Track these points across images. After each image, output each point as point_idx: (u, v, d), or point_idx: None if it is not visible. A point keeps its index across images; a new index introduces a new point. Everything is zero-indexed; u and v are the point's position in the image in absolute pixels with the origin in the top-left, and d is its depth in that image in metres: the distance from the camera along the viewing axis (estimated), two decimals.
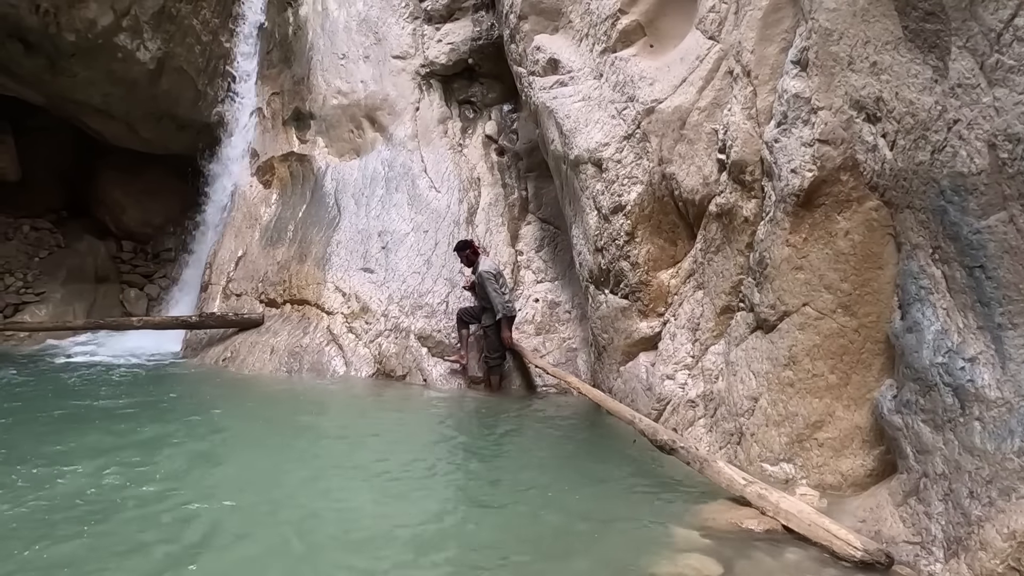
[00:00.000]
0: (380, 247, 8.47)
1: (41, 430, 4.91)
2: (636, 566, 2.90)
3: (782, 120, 4.10)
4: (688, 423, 4.85)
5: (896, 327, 3.32)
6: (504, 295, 7.11)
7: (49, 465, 4.02)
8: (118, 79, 9.64)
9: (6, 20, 8.38)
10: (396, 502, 3.78)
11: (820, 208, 3.86)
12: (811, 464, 3.82)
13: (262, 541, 3.15)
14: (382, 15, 9.97)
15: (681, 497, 3.82)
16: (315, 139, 9.90)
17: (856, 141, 3.63)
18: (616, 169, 5.86)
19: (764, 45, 4.50)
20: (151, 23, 9.36)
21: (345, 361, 7.59)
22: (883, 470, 3.50)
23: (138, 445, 4.58)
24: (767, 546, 3.08)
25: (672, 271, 5.60)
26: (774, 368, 4.10)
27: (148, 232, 12.45)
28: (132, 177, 11.97)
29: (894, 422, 3.22)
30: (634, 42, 6.18)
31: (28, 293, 10.49)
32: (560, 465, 4.68)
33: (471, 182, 8.91)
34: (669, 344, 5.36)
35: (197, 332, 8.78)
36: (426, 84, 9.64)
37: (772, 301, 4.14)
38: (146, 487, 3.76)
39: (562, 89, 6.82)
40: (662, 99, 5.50)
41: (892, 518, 3.08)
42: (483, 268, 7.14)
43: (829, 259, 3.83)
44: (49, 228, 11.62)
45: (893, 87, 3.28)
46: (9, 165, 10.69)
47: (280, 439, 5.09)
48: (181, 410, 5.81)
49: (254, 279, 9.02)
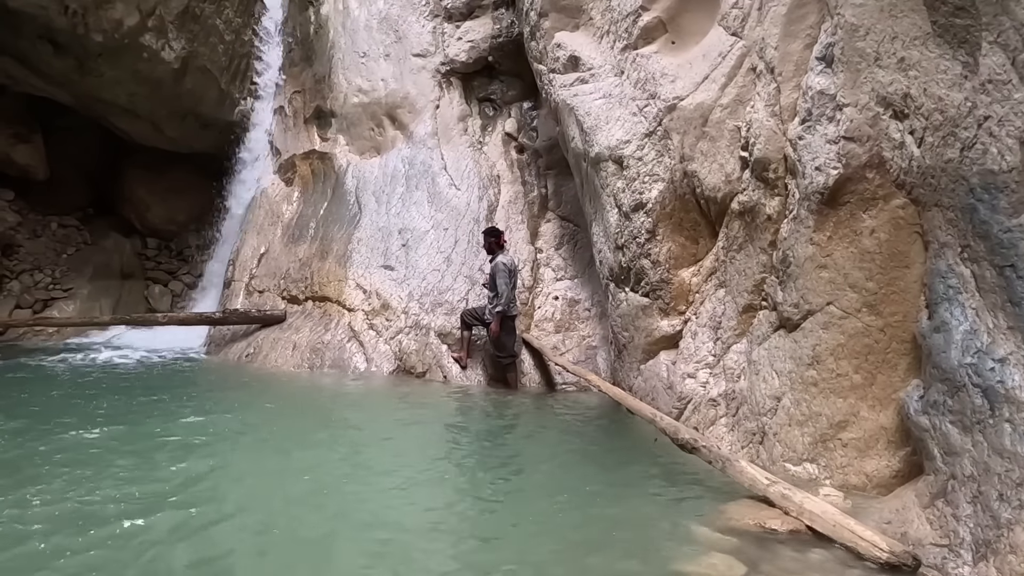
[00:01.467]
0: (400, 245, 8.52)
1: (71, 420, 5.01)
2: (658, 564, 2.90)
3: (807, 117, 4.06)
4: (709, 422, 4.82)
5: (923, 327, 3.28)
6: (513, 291, 7.13)
7: (82, 458, 4.11)
8: (143, 78, 9.80)
9: (36, 21, 8.55)
10: (409, 499, 3.77)
11: (845, 206, 3.82)
12: (835, 464, 3.79)
13: (282, 527, 3.21)
14: (402, 13, 10.02)
15: (703, 496, 3.81)
16: (336, 137, 9.98)
17: (882, 138, 3.58)
18: (637, 167, 5.83)
19: (788, 41, 4.46)
20: (175, 23, 9.50)
21: (366, 357, 7.66)
22: (909, 471, 3.46)
23: (157, 440, 4.66)
24: (791, 546, 3.06)
25: (693, 269, 5.57)
26: (797, 367, 4.06)
27: (172, 229, 12.64)
28: (157, 175, 12.17)
29: (921, 423, 3.18)
30: (655, 39, 6.14)
31: (56, 289, 10.70)
32: (580, 463, 4.68)
33: (491, 180, 8.92)
34: (690, 342, 5.34)
35: (220, 328, 8.90)
36: (446, 82, 9.67)
37: (796, 300, 4.11)
38: (162, 485, 3.83)
39: (583, 86, 6.81)
40: (684, 96, 5.47)
41: (919, 520, 3.05)
42: (500, 259, 7.18)
43: (854, 257, 3.78)
44: (76, 225, 11.85)
45: (921, 83, 3.23)
46: (38, 164, 10.91)
47: (302, 434, 5.15)
48: (204, 405, 5.90)
49: (276, 276, 9.13)
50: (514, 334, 7.25)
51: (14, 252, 10.71)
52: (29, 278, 10.64)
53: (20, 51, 9.16)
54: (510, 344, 7.16)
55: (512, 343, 7.19)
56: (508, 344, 7.14)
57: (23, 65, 9.43)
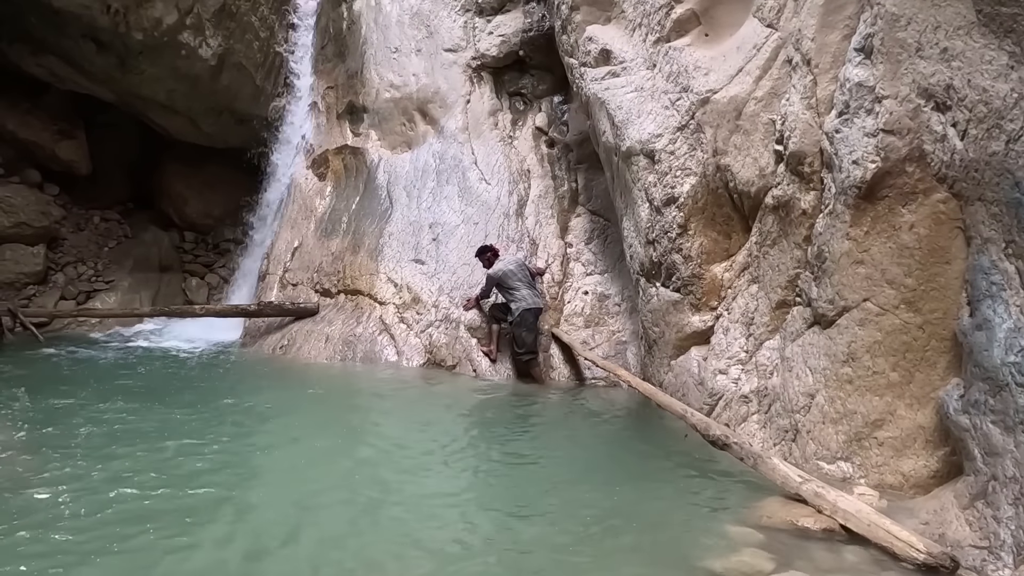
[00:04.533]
0: (431, 239, 8.58)
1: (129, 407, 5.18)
2: (690, 560, 2.89)
3: (844, 110, 3.98)
4: (741, 419, 4.78)
5: (964, 324, 3.20)
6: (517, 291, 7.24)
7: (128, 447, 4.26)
8: (181, 75, 10.02)
9: (80, 20, 8.80)
10: (438, 496, 3.82)
11: (883, 200, 3.75)
12: (870, 463, 3.73)
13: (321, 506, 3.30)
14: (434, 8, 10.05)
15: (734, 493, 3.78)
16: (368, 132, 10.06)
17: (923, 131, 3.50)
18: (669, 160, 5.78)
19: (825, 32, 4.37)
20: (212, 20, 9.68)
21: (397, 350, 7.74)
22: (948, 472, 3.39)
23: (197, 424, 4.80)
24: (824, 545, 3.03)
25: (726, 264, 5.51)
26: (832, 364, 4.00)
27: (209, 223, 12.90)
28: (194, 170, 12.41)
29: (961, 423, 3.11)
30: (688, 31, 6.08)
31: (98, 281, 11.01)
32: (609, 458, 4.69)
33: (521, 174, 8.92)
34: (722, 338, 5.29)
35: (255, 320, 9.07)
36: (477, 76, 9.69)
37: (831, 296, 4.04)
38: (200, 464, 3.96)
39: (614, 80, 6.76)
40: (717, 89, 5.40)
41: (957, 521, 2.99)
42: (488, 271, 7.46)
43: (892, 253, 3.71)
44: (117, 219, 12.16)
45: (965, 74, 3.15)
46: (81, 160, 11.23)
47: (336, 424, 5.25)
48: (241, 393, 6.05)
49: (309, 269, 9.26)
50: (534, 331, 7.25)
51: (59, 245, 11.04)
52: (73, 270, 10.97)
53: (65, 50, 9.44)
54: (530, 340, 7.18)
55: (532, 339, 7.21)
56: (527, 340, 7.16)
57: (68, 64, 9.72)
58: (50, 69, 9.89)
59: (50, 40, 9.30)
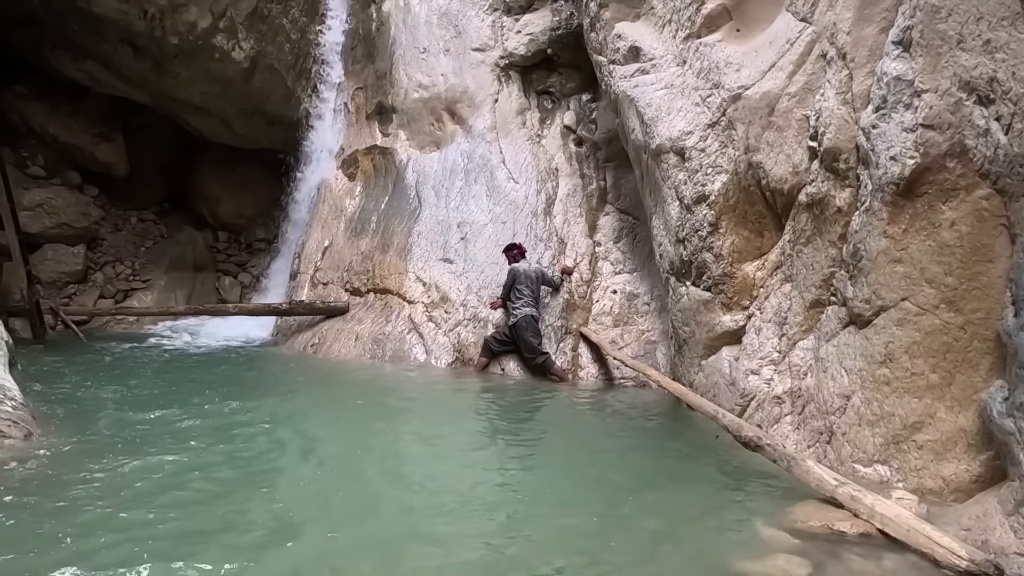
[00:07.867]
0: (459, 238, 8.60)
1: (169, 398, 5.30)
2: (722, 564, 2.85)
3: (881, 104, 3.89)
4: (774, 420, 4.70)
5: (1009, 325, 3.10)
6: (520, 299, 7.28)
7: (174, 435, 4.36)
8: (215, 78, 10.21)
9: (118, 25, 9.03)
10: (469, 496, 3.83)
11: (922, 197, 3.65)
12: (909, 467, 3.64)
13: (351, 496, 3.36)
14: (462, 8, 10.07)
15: (767, 496, 3.72)
16: (397, 132, 10.13)
17: (965, 125, 3.40)
18: (699, 158, 5.71)
19: (862, 25, 4.28)
20: (245, 24, 9.84)
21: (425, 349, 7.78)
22: (991, 476, 3.29)
23: (231, 418, 4.89)
24: (861, 550, 2.96)
25: (758, 263, 5.43)
26: (868, 365, 3.91)
27: (241, 223, 13.12)
28: (227, 171, 12.64)
29: (1005, 426, 3.02)
30: (719, 27, 5.99)
31: (136, 280, 11.29)
32: (639, 458, 4.64)
33: (549, 173, 8.90)
34: (754, 338, 5.20)
35: (287, 319, 9.21)
36: (505, 76, 9.68)
37: (867, 295, 3.95)
38: (246, 453, 4.04)
39: (643, 77, 6.70)
40: (749, 85, 5.32)
41: (1002, 528, 2.89)
42: (511, 265, 7.58)
43: (932, 251, 3.61)
44: (153, 220, 12.45)
45: (1010, 66, 3.05)
46: (119, 161, 11.51)
47: (365, 419, 5.30)
48: (275, 389, 6.15)
49: (340, 268, 9.36)
50: (538, 334, 7.28)
51: (98, 245, 11.34)
52: (111, 270, 11.26)
53: (103, 54, 9.69)
54: (536, 343, 7.20)
55: (537, 341, 7.22)
56: (533, 343, 7.17)
57: (106, 68, 9.97)
58: (90, 74, 10.16)
59: (90, 45, 9.55)
